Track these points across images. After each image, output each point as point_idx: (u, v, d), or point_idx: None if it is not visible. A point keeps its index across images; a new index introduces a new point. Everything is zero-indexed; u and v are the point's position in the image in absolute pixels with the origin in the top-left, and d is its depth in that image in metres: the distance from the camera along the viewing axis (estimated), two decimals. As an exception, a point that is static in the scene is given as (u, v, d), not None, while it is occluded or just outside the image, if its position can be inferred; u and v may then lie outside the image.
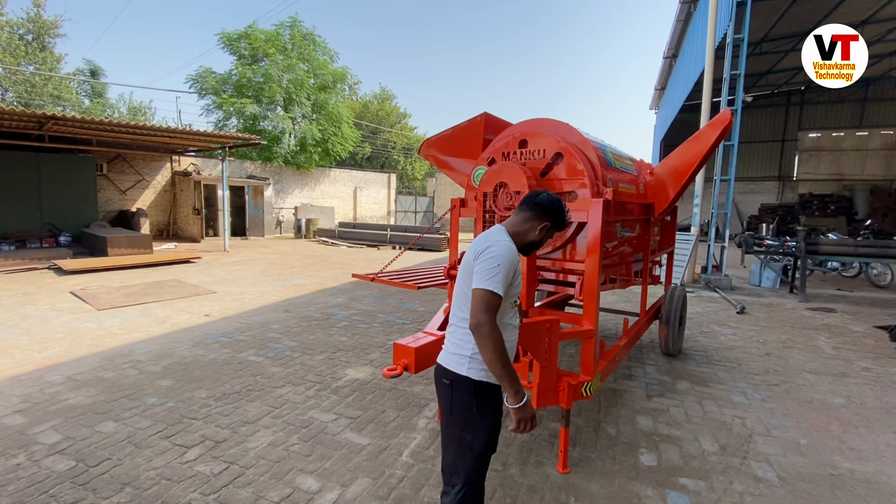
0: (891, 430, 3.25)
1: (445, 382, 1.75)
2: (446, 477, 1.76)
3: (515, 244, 1.76)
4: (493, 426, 1.71)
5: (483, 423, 1.68)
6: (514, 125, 3.16)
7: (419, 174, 36.52)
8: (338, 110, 18.79)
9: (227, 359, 4.37)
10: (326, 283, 8.46)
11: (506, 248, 1.67)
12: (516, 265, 1.70)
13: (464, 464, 1.70)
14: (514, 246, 1.73)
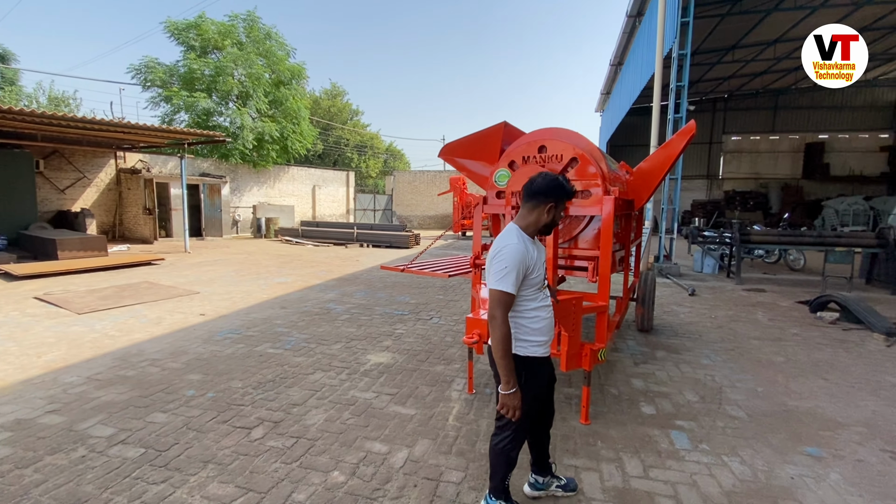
0: (819, 378, 4.10)
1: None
2: (499, 426, 2.15)
3: (532, 232, 2.06)
4: (538, 392, 2.13)
5: (530, 389, 2.05)
6: (531, 133, 3.64)
7: (373, 172, 36.38)
8: (297, 106, 18.46)
9: (246, 352, 4.52)
10: (310, 280, 8.56)
11: (513, 251, 1.93)
12: (526, 261, 1.95)
13: (511, 420, 2.03)
14: (521, 245, 1.96)
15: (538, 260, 2.04)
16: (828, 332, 5.61)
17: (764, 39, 16.94)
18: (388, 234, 14.86)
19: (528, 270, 1.98)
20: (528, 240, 2.04)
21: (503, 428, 2.12)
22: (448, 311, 6.38)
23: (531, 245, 2.04)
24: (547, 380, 2.21)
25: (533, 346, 2.06)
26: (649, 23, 12.17)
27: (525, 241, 2.01)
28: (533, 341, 2.07)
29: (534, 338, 2.07)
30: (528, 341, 2.06)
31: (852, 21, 15.37)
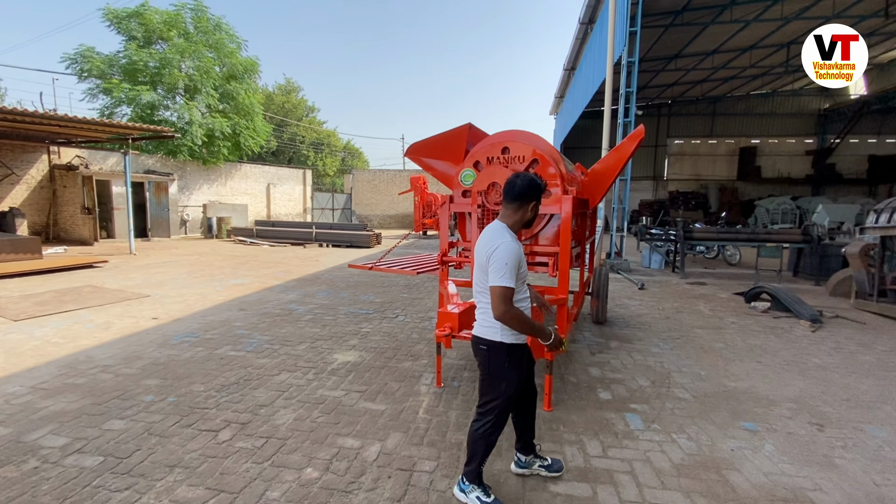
0: (754, 361, 4.53)
1: (483, 348, 2.25)
2: (480, 412, 2.29)
3: (517, 229, 2.22)
4: (520, 375, 2.27)
5: (513, 373, 2.23)
6: (495, 135, 3.78)
7: (330, 170, 35.68)
8: (249, 102, 17.79)
9: (206, 356, 4.38)
10: (268, 282, 8.34)
11: (509, 248, 2.05)
12: (520, 257, 2.11)
13: (495, 402, 2.24)
14: (515, 243, 2.10)
15: (523, 258, 2.20)
16: (761, 320, 6.16)
17: (703, 50, 18.16)
18: (348, 234, 14.67)
19: (520, 266, 2.13)
20: (513, 235, 2.20)
21: (485, 413, 2.25)
22: (413, 308, 6.44)
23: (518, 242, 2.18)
24: (526, 362, 2.37)
25: (515, 334, 2.21)
26: (600, 30, 12.75)
27: (515, 238, 2.17)
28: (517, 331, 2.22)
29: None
30: (512, 331, 2.19)
31: (780, 35, 16.82)
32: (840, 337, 5.39)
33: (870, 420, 3.29)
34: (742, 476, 2.58)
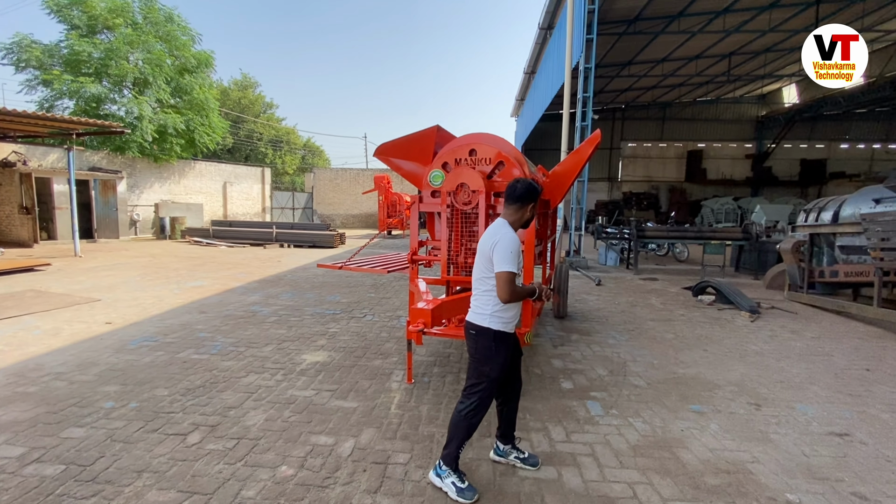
0: (701, 349, 4.90)
1: (472, 333, 2.46)
2: (466, 394, 2.47)
3: (517, 227, 2.46)
4: (504, 360, 2.43)
5: (498, 358, 2.41)
6: (462, 137, 3.90)
7: (290, 168, 34.78)
8: (204, 97, 17.08)
9: (168, 360, 4.26)
10: (228, 283, 8.10)
11: (511, 239, 2.32)
12: (520, 248, 2.37)
13: (481, 385, 2.43)
14: (515, 235, 2.37)
15: (521, 251, 2.43)
16: (706, 312, 6.64)
17: (654, 58, 19.13)
18: (311, 234, 14.41)
19: (519, 257, 2.33)
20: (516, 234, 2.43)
21: (469, 395, 2.42)
22: (381, 308, 6.48)
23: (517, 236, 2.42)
24: (512, 350, 2.52)
25: (503, 322, 2.42)
26: (559, 36, 13.19)
27: (515, 234, 2.41)
28: (504, 318, 2.42)
29: (505, 315, 2.42)
30: (501, 318, 2.41)
31: (722, 46, 17.97)
32: (775, 326, 5.91)
33: (800, 399, 3.66)
34: (691, 453, 2.83)
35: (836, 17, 15.26)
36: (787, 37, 17.06)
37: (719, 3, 14.13)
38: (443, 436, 2.98)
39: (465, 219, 3.63)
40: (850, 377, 4.16)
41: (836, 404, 3.58)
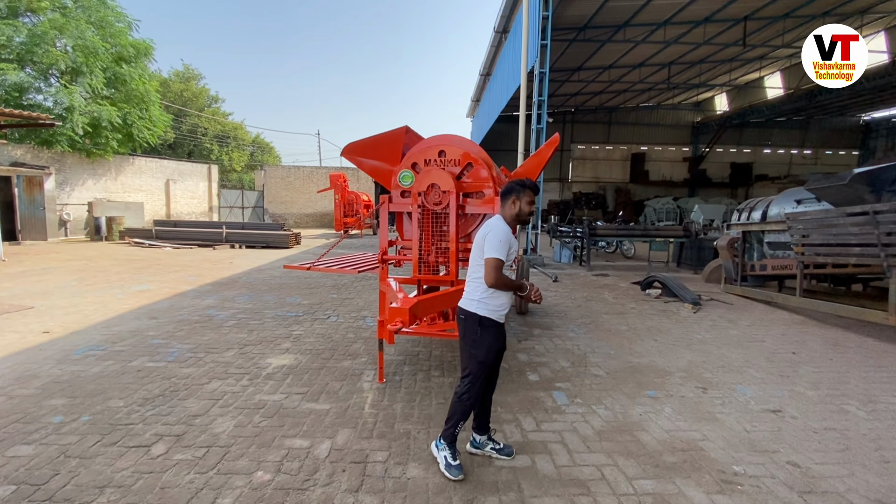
0: (651, 339, 5.26)
1: (462, 317, 2.64)
2: (461, 379, 2.65)
3: (511, 222, 2.59)
4: (491, 345, 2.56)
5: (484, 343, 2.55)
6: (431, 138, 3.96)
7: (238, 165, 33.26)
8: (144, 89, 15.96)
9: (119, 369, 4.01)
10: (178, 287, 7.69)
11: (502, 228, 2.51)
12: (510, 238, 2.52)
13: (471, 367, 2.59)
14: (507, 228, 2.53)
15: (514, 245, 2.59)
16: (654, 304, 7.11)
17: (601, 64, 20.08)
18: (264, 234, 13.90)
19: (509, 249, 2.50)
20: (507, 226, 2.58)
21: (463, 378, 2.61)
22: (345, 309, 6.41)
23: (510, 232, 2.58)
24: (498, 343, 2.62)
25: (489, 309, 2.56)
26: (514, 40, 13.55)
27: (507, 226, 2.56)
28: (490, 305, 2.56)
29: (492, 302, 2.56)
30: (487, 305, 2.55)
31: (663, 56, 19.15)
32: (714, 316, 6.43)
33: (739, 381, 4.04)
34: (649, 435, 3.06)
35: (760, 34, 16.73)
36: (719, 49, 18.48)
37: (660, 16, 15.07)
38: (419, 432, 3.04)
39: (435, 219, 3.69)
40: (779, 360, 4.63)
41: (769, 384, 3.98)
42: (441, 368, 4.18)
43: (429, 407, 3.41)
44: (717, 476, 2.61)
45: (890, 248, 4.91)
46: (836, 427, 3.23)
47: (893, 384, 4.03)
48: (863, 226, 5.09)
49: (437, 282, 4.05)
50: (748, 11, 15.10)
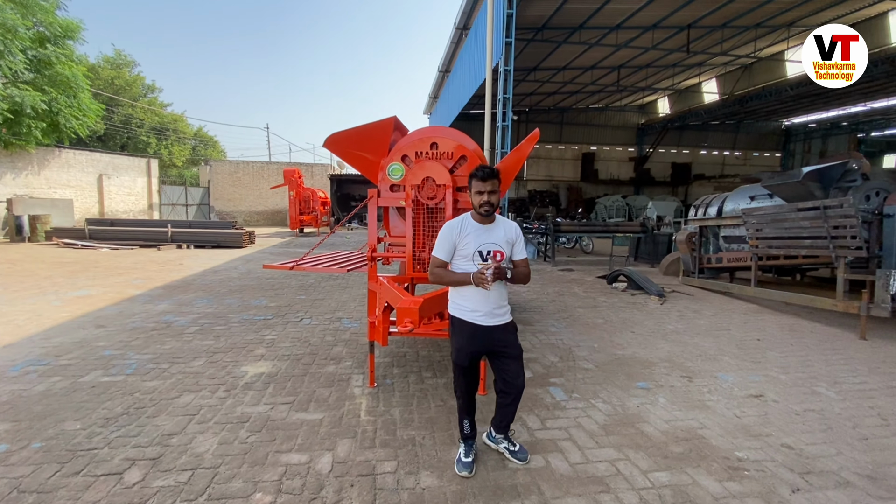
0: (629, 331, 5.40)
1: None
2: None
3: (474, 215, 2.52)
4: (461, 347, 2.50)
5: (454, 342, 2.56)
6: (421, 130, 3.80)
7: (178, 160, 31.08)
8: (71, 73, 14.39)
9: (69, 386, 3.53)
10: (125, 291, 6.99)
11: (445, 226, 2.52)
12: (452, 235, 2.48)
13: (452, 365, 2.61)
14: (450, 224, 2.52)
15: (473, 236, 2.45)
16: (623, 297, 7.34)
17: (555, 66, 20.57)
18: (214, 233, 13.02)
19: (452, 244, 2.48)
20: (466, 220, 2.51)
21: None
22: (317, 310, 6.08)
23: (469, 224, 2.49)
24: (470, 346, 2.48)
25: (456, 307, 2.54)
26: (475, 37, 13.54)
27: (462, 221, 2.51)
28: (456, 303, 2.55)
29: (457, 300, 2.55)
30: (455, 303, 2.55)
31: (613, 59, 19.91)
32: (680, 307, 6.73)
33: (718, 369, 4.21)
34: (651, 426, 3.10)
35: (701, 42, 17.82)
36: (664, 55, 19.49)
37: (613, 20, 15.65)
38: (424, 437, 2.90)
39: (428, 214, 3.54)
40: (748, 347, 4.89)
41: (745, 371, 4.18)
42: (432, 369, 4.04)
43: (428, 410, 3.27)
44: (724, 463, 2.67)
45: (837, 241, 5.33)
46: (813, 408, 3.43)
47: (850, 365, 4.37)
48: (813, 220, 5.50)
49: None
50: (691, 20, 16.02)
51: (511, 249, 2.53)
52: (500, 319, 2.52)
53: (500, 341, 2.51)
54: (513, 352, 2.53)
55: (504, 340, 2.52)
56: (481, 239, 2.46)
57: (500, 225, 2.52)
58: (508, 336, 2.53)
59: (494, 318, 2.50)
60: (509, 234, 2.51)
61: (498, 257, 2.48)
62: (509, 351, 2.52)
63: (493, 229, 2.49)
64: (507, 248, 2.50)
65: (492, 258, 2.46)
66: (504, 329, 2.53)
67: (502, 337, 2.52)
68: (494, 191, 2.43)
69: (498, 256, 2.48)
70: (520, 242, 2.54)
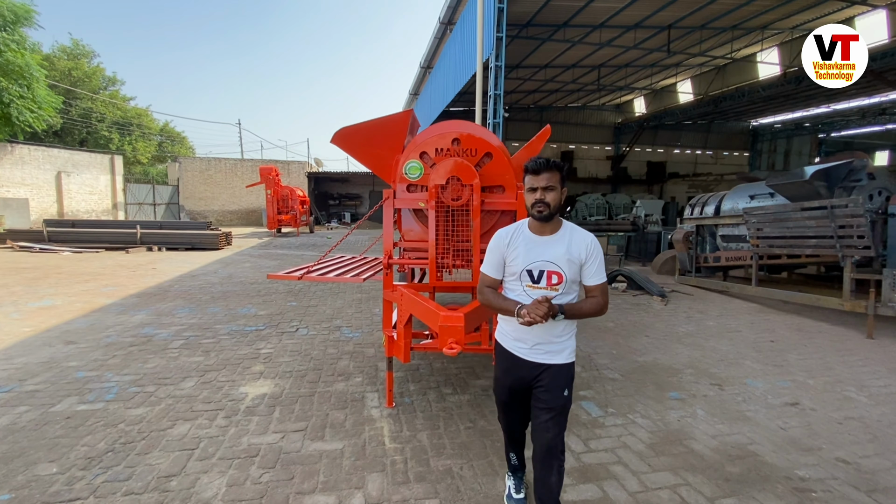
0: (643, 335, 5.24)
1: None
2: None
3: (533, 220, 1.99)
4: (497, 377, 2.15)
5: (495, 368, 2.20)
6: (440, 124, 3.46)
7: (143, 157, 29.54)
8: (24, 62, 13.26)
9: (39, 418, 3.06)
10: (95, 300, 6.37)
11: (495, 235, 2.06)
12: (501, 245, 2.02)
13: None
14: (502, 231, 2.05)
15: (523, 249, 1.95)
16: (625, 298, 7.21)
17: (538, 63, 20.52)
18: (188, 234, 12.28)
19: (502, 257, 2.02)
20: (521, 228, 2.02)
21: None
22: (312, 319, 5.67)
23: (522, 234, 1.99)
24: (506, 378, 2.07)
25: (500, 332, 2.11)
26: (461, 33, 13.25)
27: (514, 229, 2.03)
28: (501, 327, 2.11)
29: (502, 324, 2.11)
30: (500, 327, 2.11)
31: (594, 58, 20.00)
32: (684, 308, 6.65)
33: (744, 375, 4.08)
34: (699, 443, 2.89)
35: (681, 42, 18.08)
36: (644, 54, 19.71)
37: (597, 18, 15.65)
38: (461, 468, 2.60)
39: (450, 216, 3.22)
40: (765, 349, 4.80)
41: (771, 376, 4.06)
42: (451, 385, 3.74)
43: (458, 433, 2.96)
44: (788, 485, 2.48)
45: (844, 240, 5.32)
46: (852, 416, 3.31)
47: (869, 367, 4.32)
48: (819, 219, 5.47)
49: (457, 288, 3.59)
50: (672, 20, 16.19)
51: (579, 270, 1.93)
52: (547, 358, 1.95)
53: (540, 384, 1.95)
54: (550, 401, 1.92)
55: (545, 384, 1.94)
56: (533, 254, 1.93)
57: (564, 236, 1.94)
58: (553, 381, 1.93)
59: (540, 354, 1.96)
60: (575, 250, 1.91)
61: (554, 280, 1.90)
62: (545, 399, 1.92)
63: (553, 242, 1.93)
64: (570, 268, 1.90)
65: (546, 281, 1.91)
66: (548, 371, 1.94)
67: (544, 380, 1.95)
68: (552, 187, 1.90)
69: (553, 279, 1.90)
70: (594, 261, 1.93)
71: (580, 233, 1.97)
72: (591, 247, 1.94)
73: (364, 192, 28.06)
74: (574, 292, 1.96)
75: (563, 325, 1.95)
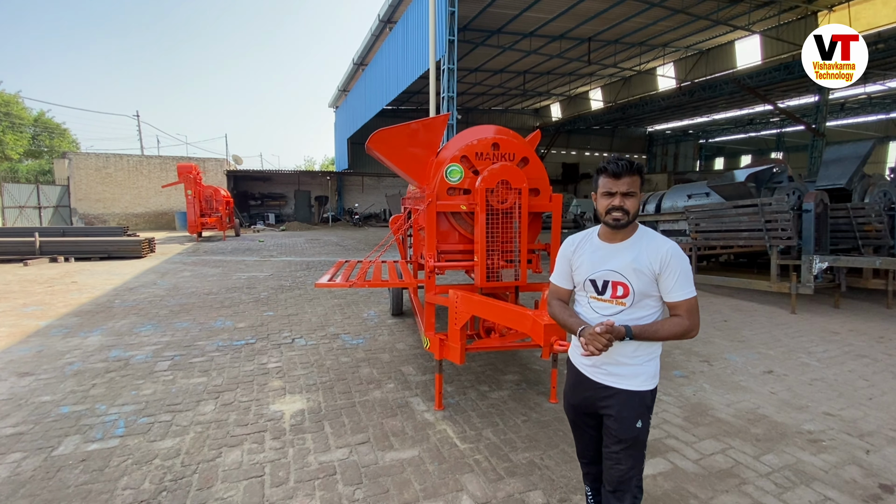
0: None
1: None
2: None
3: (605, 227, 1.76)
4: (566, 391, 1.91)
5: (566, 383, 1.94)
6: (474, 130, 3.53)
7: (13, 152, 25.03)
8: None
9: (43, 464, 2.60)
10: (22, 324, 5.39)
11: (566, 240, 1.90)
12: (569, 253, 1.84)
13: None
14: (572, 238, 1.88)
15: (588, 257, 1.75)
16: (588, 291, 7.80)
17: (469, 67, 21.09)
18: (102, 242, 10.72)
19: (570, 266, 1.82)
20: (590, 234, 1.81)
21: None
22: (301, 328, 5.37)
23: (590, 241, 1.79)
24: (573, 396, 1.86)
25: (572, 345, 1.88)
26: (404, 32, 13.20)
27: (583, 236, 1.83)
28: (573, 340, 1.83)
29: (574, 339, 1.79)
30: (572, 338, 1.83)
31: (521, 64, 21.05)
32: (640, 296, 7.39)
33: (721, 351, 4.71)
34: (720, 412, 3.33)
35: (599, 53, 19.77)
36: (564, 63, 21.23)
37: (528, 27, 16.54)
38: (541, 458, 2.73)
39: (494, 219, 3.32)
40: (724, 328, 5.56)
41: (740, 350, 4.74)
42: (485, 382, 3.83)
43: (519, 427, 3.09)
44: (803, 437, 2.98)
45: (771, 232, 6.33)
46: (817, 378, 4.01)
47: (806, 336, 5.21)
48: (751, 215, 6.45)
49: (502, 289, 3.68)
50: (592, 33, 17.67)
51: (653, 282, 1.65)
52: (614, 381, 1.70)
53: (609, 411, 1.72)
54: (619, 432, 1.68)
55: (614, 412, 1.70)
56: (597, 262, 1.71)
57: (636, 244, 1.68)
58: (622, 410, 1.69)
59: (606, 375, 1.72)
60: (646, 259, 1.64)
61: (619, 291, 1.67)
62: (615, 429, 1.69)
63: (621, 249, 1.69)
64: (639, 279, 1.64)
65: (611, 292, 1.69)
66: (617, 397, 1.70)
67: (613, 407, 1.70)
68: (632, 193, 1.64)
69: (619, 290, 1.67)
70: (673, 273, 1.63)
71: (655, 240, 1.69)
72: (668, 256, 1.64)
73: (289, 191, 26.60)
74: (651, 308, 1.68)
75: (637, 345, 1.67)
